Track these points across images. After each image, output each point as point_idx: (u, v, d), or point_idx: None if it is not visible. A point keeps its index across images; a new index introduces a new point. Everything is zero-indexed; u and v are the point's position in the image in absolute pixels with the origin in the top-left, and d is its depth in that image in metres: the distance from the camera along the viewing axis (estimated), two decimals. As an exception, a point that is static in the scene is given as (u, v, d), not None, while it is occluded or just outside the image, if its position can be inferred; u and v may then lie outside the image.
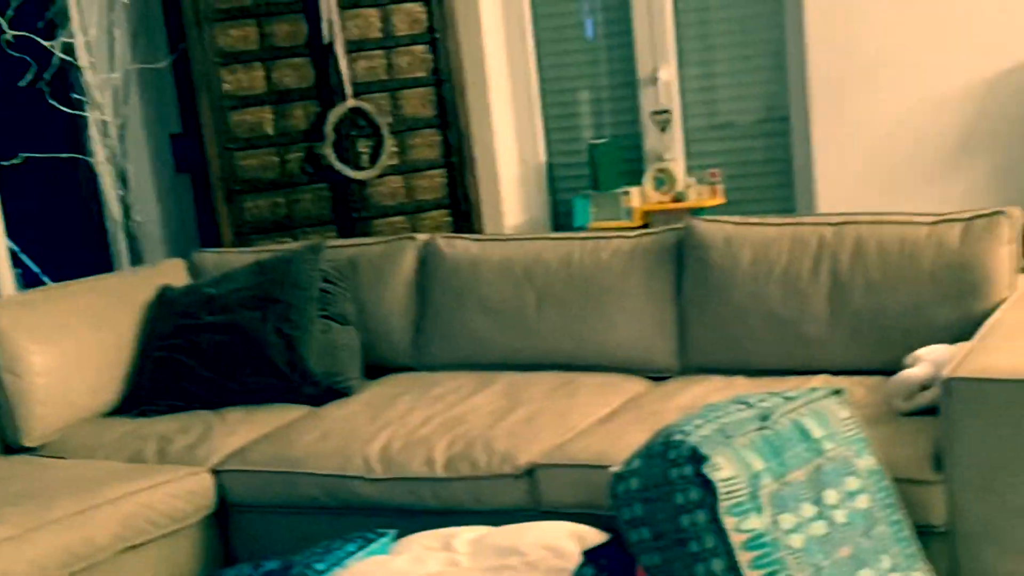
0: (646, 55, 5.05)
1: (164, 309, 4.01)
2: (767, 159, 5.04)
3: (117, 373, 3.96)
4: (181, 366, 3.84)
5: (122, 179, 4.70)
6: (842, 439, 2.55)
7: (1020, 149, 4.59)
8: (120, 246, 4.83)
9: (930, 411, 2.80)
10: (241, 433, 3.58)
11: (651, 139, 5.08)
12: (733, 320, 3.47)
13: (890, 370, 3.12)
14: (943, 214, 3.35)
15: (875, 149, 4.71)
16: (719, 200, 4.90)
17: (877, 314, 3.27)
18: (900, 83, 4.66)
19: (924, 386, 2.87)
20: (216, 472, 3.42)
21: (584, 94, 5.28)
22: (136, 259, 4.79)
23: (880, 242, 3.32)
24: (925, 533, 2.63)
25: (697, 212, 4.73)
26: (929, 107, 4.65)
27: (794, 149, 4.91)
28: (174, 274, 4.25)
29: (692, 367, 3.56)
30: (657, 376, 3.61)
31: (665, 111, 5.03)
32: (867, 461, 2.56)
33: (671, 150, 5.05)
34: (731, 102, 5.06)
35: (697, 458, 2.34)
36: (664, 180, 4.95)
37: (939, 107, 4.64)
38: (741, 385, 3.32)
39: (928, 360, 2.90)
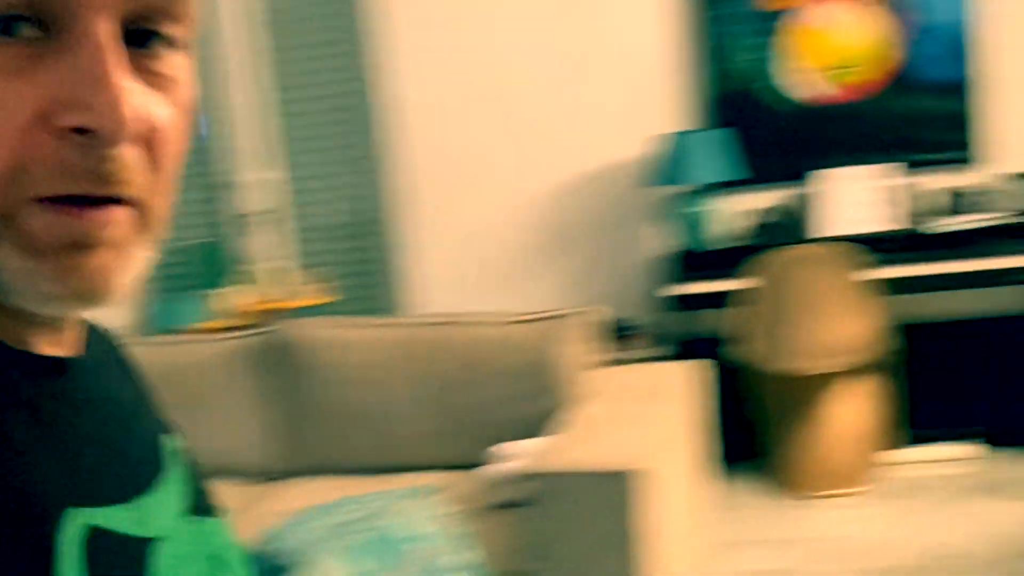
0: (245, 158, 5.10)
1: None
2: (365, 260, 5.17)
3: None
4: None
5: None
6: (442, 535, 2.66)
7: (598, 250, 4.95)
8: None
9: (520, 503, 2.98)
10: None
11: (252, 240, 5.11)
12: (336, 420, 3.54)
13: (480, 465, 3.29)
14: (521, 314, 3.56)
15: (465, 251, 4.95)
16: (320, 300, 4.99)
17: (466, 411, 3.44)
18: (486, 188, 4.93)
19: (511, 480, 3.03)
20: None
21: (181, 196, 5.25)
22: None
23: (467, 342, 3.50)
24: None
25: (298, 313, 4.79)
26: (513, 211, 4.94)
27: (390, 251, 5.07)
28: None
29: (299, 468, 3.61)
30: (264, 478, 3.63)
31: (265, 212, 5.09)
32: (466, 556, 2.69)
33: (272, 251, 5.10)
34: (330, 204, 5.18)
35: (303, 562, 2.38)
36: (264, 281, 4.99)
37: (523, 211, 4.94)
38: (347, 486, 3.38)
39: (513, 454, 3.08)
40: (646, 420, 3.01)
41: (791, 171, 4.87)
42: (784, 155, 4.92)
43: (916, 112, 4.84)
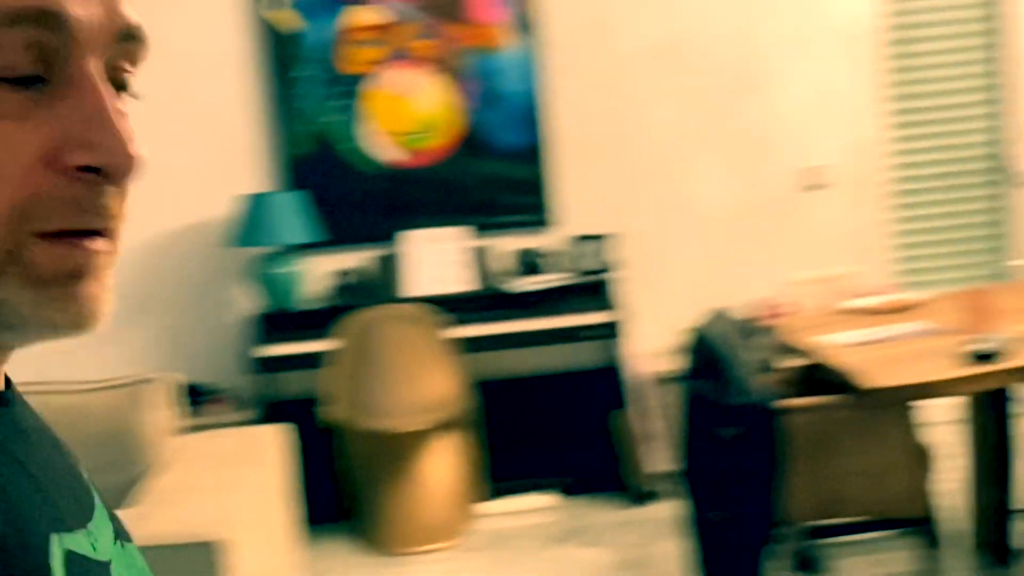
0: None
1: None
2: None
3: None
4: None
5: None
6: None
7: (180, 312, 4.84)
8: None
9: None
10: None
11: None
12: None
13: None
14: (100, 381, 3.43)
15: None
16: None
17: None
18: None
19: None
20: None
21: None
22: None
23: (45, 410, 3.31)
24: None
25: None
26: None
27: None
28: None
29: None
30: None
31: None
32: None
33: None
34: None
35: None
36: None
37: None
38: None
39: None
40: (229, 486, 2.96)
41: (375, 232, 4.95)
42: (368, 216, 5.00)
43: (491, 177, 5.04)
